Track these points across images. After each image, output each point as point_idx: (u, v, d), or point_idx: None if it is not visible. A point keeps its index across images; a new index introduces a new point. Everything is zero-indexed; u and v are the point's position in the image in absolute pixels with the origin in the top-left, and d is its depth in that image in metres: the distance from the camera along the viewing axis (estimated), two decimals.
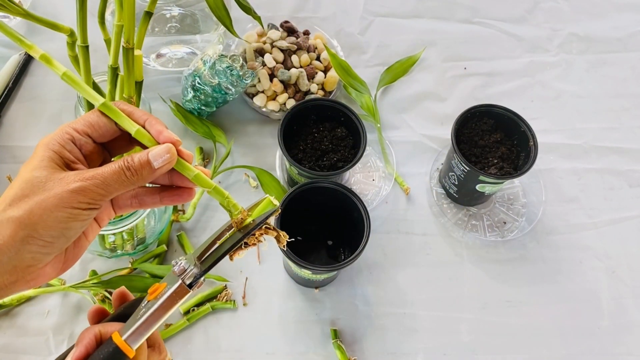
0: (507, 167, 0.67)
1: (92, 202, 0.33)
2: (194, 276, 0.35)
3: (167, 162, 0.35)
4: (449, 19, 0.91)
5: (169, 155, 0.35)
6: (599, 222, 0.73)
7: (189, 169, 0.36)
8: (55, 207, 0.32)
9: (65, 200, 0.32)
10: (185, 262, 0.36)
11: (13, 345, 0.62)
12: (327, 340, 0.64)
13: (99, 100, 0.35)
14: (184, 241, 0.69)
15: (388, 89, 0.84)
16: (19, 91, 0.80)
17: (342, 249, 0.68)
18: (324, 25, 0.87)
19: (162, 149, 0.35)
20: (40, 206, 0.32)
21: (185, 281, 0.35)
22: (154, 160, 0.35)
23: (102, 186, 0.33)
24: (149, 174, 0.35)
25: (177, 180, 0.38)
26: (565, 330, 0.66)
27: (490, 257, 0.71)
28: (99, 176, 0.33)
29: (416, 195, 0.75)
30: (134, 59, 0.51)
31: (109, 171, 0.34)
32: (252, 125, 0.79)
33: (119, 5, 0.50)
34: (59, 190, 0.32)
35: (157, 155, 0.35)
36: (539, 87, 0.85)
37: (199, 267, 0.36)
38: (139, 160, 0.34)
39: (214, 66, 0.70)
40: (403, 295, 0.68)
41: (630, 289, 0.69)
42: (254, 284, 0.67)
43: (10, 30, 0.37)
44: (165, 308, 0.35)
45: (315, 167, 0.67)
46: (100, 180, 0.33)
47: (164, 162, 0.35)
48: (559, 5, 0.93)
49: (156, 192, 0.38)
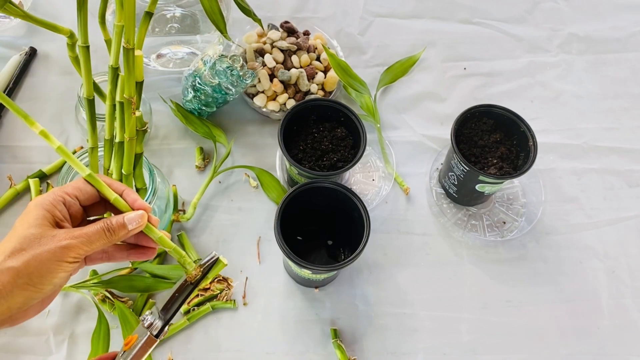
0: (506, 167, 0.67)
1: (78, 256, 0.40)
2: (159, 328, 0.43)
3: (139, 225, 0.43)
4: (448, 19, 0.91)
5: (141, 220, 0.43)
6: (599, 222, 0.73)
7: (154, 232, 0.44)
8: (49, 260, 0.38)
9: (57, 255, 0.38)
10: (152, 317, 0.44)
11: (13, 345, 0.62)
12: (327, 340, 0.64)
13: (86, 172, 0.43)
14: (184, 241, 0.69)
15: (388, 89, 0.84)
16: (19, 91, 0.80)
17: (342, 249, 0.68)
18: (324, 25, 0.87)
19: (137, 215, 0.43)
20: (35, 259, 0.38)
21: (152, 332, 0.43)
22: (129, 223, 0.42)
23: (87, 243, 0.40)
24: (124, 234, 0.42)
25: (142, 241, 0.46)
26: (565, 330, 0.66)
27: (490, 257, 0.71)
28: (85, 235, 0.40)
29: (416, 195, 0.75)
30: (135, 59, 0.52)
31: (93, 231, 0.41)
32: (252, 126, 0.79)
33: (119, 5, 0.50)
34: (52, 246, 0.38)
35: (131, 219, 0.42)
36: (538, 87, 0.85)
37: (162, 319, 0.44)
38: (117, 222, 0.42)
39: (214, 66, 0.70)
40: (403, 295, 0.68)
41: (630, 289, 0.69)
42: (254, 284, 0.67)
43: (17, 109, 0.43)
44: (139, 356, 0.42)
45: (315, 167, 0.67)
46: (86, 239, 0.40)
47: (137, 225, 0.43)
48: (558, 5, 0.93)
49: (124, 249, 0.46)
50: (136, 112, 0.55)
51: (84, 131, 0.73)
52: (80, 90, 0.66)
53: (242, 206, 0.73)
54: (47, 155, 0.74)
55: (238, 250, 0.69)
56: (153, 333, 0.43)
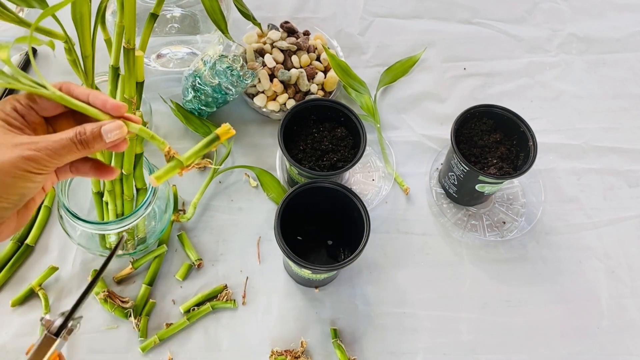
0: (506, 167, 0.67)
1: (44, 168, 0.36)
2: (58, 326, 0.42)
3: (119, 136, 0.38)
4: (448, 20, 0.91)
5: (120, 131, 0.38)
6: (599, 222, 0.73)
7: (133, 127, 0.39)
8: (10, 170, 0.34)
9: (19, 165, 0.35)
10: (48, 316, 0.43)
11: (13, 345, 0.62)
12: (327, 340, 0.64)
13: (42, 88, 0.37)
14: (184, 241, 0.69)
15: (388, 89, 0.84)
16: (19, 91, 0.80)
17: (342, 249, 0.68)
18: (324, 25, 0.87)
19: (116, 124, 0.37)
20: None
21: (51, 331, 0.42)
22: (106, 134, 0.37)
23: (54, 156, 0.36)
24: (100, 146, 0.37)
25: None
26: (565, 330, 0.66)
27: (489, 257, 0.71)
28: (51, 147, 0.36)
29: (416, 195, 0.75)
30: (135, 59, 0.52)
31: (60, 143, 0.36)
32: (252, 126, 0.79)
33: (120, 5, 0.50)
34: (14, 155, 0.35)
35: (110, 130, 0.37)
36: (538, 87, 0.85)
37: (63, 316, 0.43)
38: (91, 132, 0.37)
39: (215, 66, 0.70)
40: (403, 295, 0.68)
41: (629, 289, 0.69)
42: (254, 284, 0.67)
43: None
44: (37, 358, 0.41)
45: (315, 167, 0.67)
46: (52, 151, 0.36)
47: (116, 137, 0.37)
48: (558, 5, 0.93)
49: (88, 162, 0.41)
50: (136, 112, 0.55)
51: None
52: None
53: (242, 206, 0.73)
54: None
55: (238, 250, 0.69)
56: (52, 332, 0.42)
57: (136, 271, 0.67)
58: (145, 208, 0.59)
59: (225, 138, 0.41)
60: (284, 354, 0.62)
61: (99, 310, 0.64)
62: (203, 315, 0.65)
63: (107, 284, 0.66)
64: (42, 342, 0.41)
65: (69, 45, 0.49)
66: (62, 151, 0.36)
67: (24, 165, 0.35)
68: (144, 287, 0.65)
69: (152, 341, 0.63)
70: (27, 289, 0.65)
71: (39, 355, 0.40)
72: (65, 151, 0.36)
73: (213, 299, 0.66)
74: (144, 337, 0.63)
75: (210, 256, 0.69)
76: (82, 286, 0.66)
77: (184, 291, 0.67)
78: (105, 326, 0.64)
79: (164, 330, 0.63)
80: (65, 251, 0.68)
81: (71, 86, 0.39)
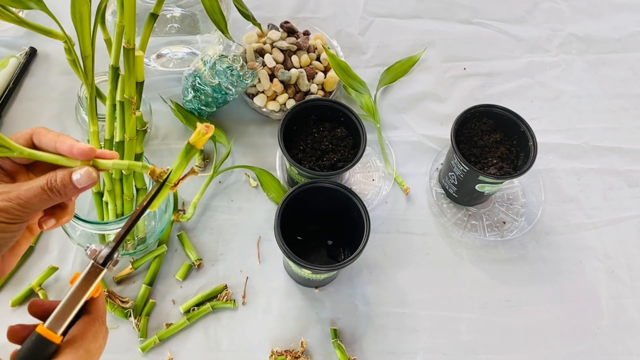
0: (506, 167, 0.67)
1: (16, 218, 0.35)
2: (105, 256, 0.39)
3: (91, 184, 0.37)
4: (448, 20, 0.91)
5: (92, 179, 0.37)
6: (599, 222, 0.73)
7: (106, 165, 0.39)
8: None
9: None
10: (97, 245, 0.39)
11: (13, 345, 0.62)
12: (327, 340, 0.64)
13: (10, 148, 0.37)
14: (184, 241, 0.69)
15: (388, 89, 0.84)
16: (19, 91, 0.80)
17: (342, 249, 0.68)
18: (324, 25, 0.87)
19: (84, 172, 0.37)
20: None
21: (97, 261, 0.38)
22: (78, 184, 0.37)
23: (25, 205, 0.35)
24: (72, 193, 0.37)
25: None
26: (565, 330, 0.66)
27: (489, 257, 0.71)
28: (22, 196, 0.35)
29: (416, 195, 0.75)
30: (135, 59, 0.52)
31: (32, 192, 0.35)
32: (252, 126, 0.79)
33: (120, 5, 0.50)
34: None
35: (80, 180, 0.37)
36: (538, 87, 0.85)
37: (109, 247, 0.39)
38: (61, 180, 0.36)
39: (214, 66, 0.70)
40: (403, 295, 0.68)
41: (629, 289, 0.69)
42: (254, 284, 0.67)
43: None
44: (82, 289, 0.38)
45: (315, 167, 0.67)
46: (24, 200, 0.35)
47: (86, 183, 0.37)
48: (558, 5, 0.93)
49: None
50: (136, 112, 0.55)
51: (84, 131, 0.73)
52: (81, 90, 0.67)
53: (242, 206, 0.73)
54: None
55: (238, 250, 0.69)
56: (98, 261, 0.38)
57: (136, 271, 0.67)
58: None
59: (201, 143, 0.39)
60: (284, 354, 0.62)
61: None
62: (203, 315, 0.65)
63: (107, 284, 0.66)
64: (89, 272, 0.38)
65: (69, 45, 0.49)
66: (33, 200, 0.35)
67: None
68: (144, 287, 0.65)
69: (152, 341, 0.63)
70: (27, 289, 0.65)
71: (85, 285, 0.38)
72: (37, 200, 0.36)
73: (213, 299, 0.66)
74: (144, 337, 0.63)
75: (210, 256, 0.69)
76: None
77: (184, 291, 0.67)
78: None
79: (164, 330, 0.63)
80: (65, 251, 0.68)
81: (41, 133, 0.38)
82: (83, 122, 0.71)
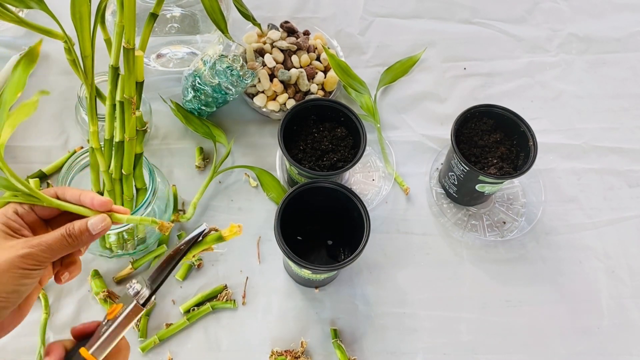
0: (506, 167, 0.67)
1: (39, 263, 0.39)
2: (146, 297, 0.43)
3: (104, 229, 0.42)
4: (448, 20, 0.91)
5: (105, 223, 0.43)
6: (599, 222, 0.73)
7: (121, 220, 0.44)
8: (8, 269, 0.38)
9: (16, 264, 0.38)
10: (139, 285, 0.43)
11: (13, 346, 0.62)
12: (327, 340, 0.64)
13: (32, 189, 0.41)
14: None
15: (388, 89, 0.84)
16: None
17: (342, 249, 0.68)
18: (324, 25, 0.87)
19: (99, 218, 0.42)
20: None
21: (139, 301, 0.42)
22: (92, 228, 0.42)
23: (47, 251, 0.40)
24: (88, 240, 0.42)
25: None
26: (565, 330, 0.66)
27: (489, 257, 0.71)
28: (44, 243, 0.39)
29: (416, 195, 0.75)
30: (135, 59, 0.52)
31: (53, 238, 0.40)
32: (252, 125, 0.79)
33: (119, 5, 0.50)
34: (11, 255, 0.38)
35: (95, 224, 0.42)
36: (538, 87, 0.85)
37: (150, 288, 0.43)
38: (79, 228, 0.41)
39: (214, 66, 0.70)
40: (403, 295, 0.68)
41: (630, 289, 0.69)
42: (254, 284, 0.67)
43: None
44: (124, 325, 0.41)
45: (315, 167, 0.67)
46: (45, 247, 0.39)
47: (101, 229, 0.42)
48: (558, 5, 0.93)
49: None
50: (136, 112, 0.55)
51: (84, 131, 0.73)
52: (81, 90, 0.67)
53: (242, 206, 0.73)
54: (47, 155, 0.75)
55: (238, 250, 0.69)
56: (140, 302, 0.42)
57: (136, 271, 0.67)
58: (145, 208, 0.59)
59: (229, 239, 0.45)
60: (284, 354, 0.62)
61: (98, 310, 0.64)
62: (203, 315, 0.65)
63: (107, 284, 0.66)
64: (131, 310, 0.42)
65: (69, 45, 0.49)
66: (54, 245, 0.40)
67: (20, 263, 0.38)
68: None
69: (152, 341, 0.63)
70: None
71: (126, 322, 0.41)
72: (57, 245, 0.40)
73: (213, 299, 0.66)
74: (144, 337, 0.63)
75: (210, 256, 0.69)
76: (82, 286, 0.66)
77: (184, 291, 0.67)
78: None
79: (164, 330, 0.63)
80: None
81: (65, 189, 0.44)
82: (83, 122, 0.71)
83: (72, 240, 0.41)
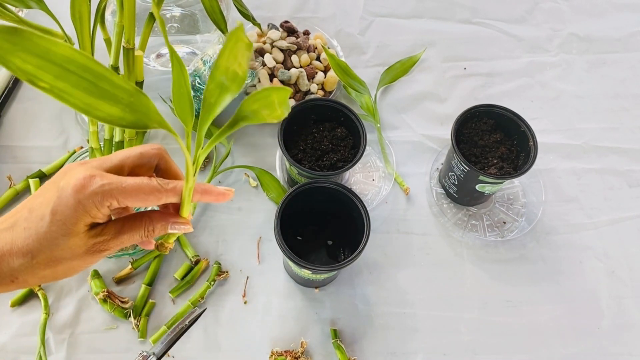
0: (506, 167, 0.67)
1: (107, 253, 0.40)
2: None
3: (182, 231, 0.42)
4: (449, 19, 0.91)
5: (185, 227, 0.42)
6: (599, 222, 0.73)
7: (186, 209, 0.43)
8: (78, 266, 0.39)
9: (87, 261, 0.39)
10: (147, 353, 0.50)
11: (13, 346, 0.62)
12: (327, 340, 0.64)
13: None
14: (184, 241, 0.69)
15: (388, 89, 0.84)
16: (19, 91, 0.80)
17: (342, 249, 0.68)
18: (324, 25, 0.87)
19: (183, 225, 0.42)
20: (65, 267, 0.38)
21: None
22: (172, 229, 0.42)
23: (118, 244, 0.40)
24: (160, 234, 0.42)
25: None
26: (565, 330, 0.66)
27: (490, 257, 0.71)
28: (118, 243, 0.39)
29: (416, 195, 0.75)
30: (135, 59, 0.52)
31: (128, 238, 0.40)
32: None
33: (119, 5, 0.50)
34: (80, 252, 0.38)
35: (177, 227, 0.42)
36: (538, 87, 0.85)
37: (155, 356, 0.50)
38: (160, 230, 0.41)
39: None
40: (403, 295, 0.68)
41: (630, 289, 0.69)
42: (254, 284, 0.67)
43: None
44: None
45: (315, 167, 0.67)
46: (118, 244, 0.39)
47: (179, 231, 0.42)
48: (558, 5, 0.93)
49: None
50: None
51: (83, 131, 0.73)
52: None
53: (242, 206, 0.73)
54: (47, 155, 0.74)
55: (238, 250, 0.69)
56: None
57: (136, 271, 0.67)
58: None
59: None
60: (284, 354, 0.62)
61: (98, 310, 0.64)
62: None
63: (107, 284, 0.66)
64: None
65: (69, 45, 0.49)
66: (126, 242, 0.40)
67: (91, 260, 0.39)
68: (143, 287, 0.65)
69: (152, 341, 0.62)
70: (27, 289, 0.64)
71: None
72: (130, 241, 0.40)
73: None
74: (143, 337, 0.63)
75: (210, 256, 0.69)
76: (82, 286, 0.66)
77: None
78: (104, 326, 0.64)
79: (164, 330, 0.63)
80: None
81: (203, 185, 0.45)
82: (83, 122, 0.71)
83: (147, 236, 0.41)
